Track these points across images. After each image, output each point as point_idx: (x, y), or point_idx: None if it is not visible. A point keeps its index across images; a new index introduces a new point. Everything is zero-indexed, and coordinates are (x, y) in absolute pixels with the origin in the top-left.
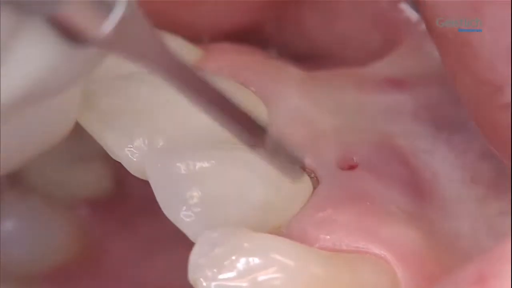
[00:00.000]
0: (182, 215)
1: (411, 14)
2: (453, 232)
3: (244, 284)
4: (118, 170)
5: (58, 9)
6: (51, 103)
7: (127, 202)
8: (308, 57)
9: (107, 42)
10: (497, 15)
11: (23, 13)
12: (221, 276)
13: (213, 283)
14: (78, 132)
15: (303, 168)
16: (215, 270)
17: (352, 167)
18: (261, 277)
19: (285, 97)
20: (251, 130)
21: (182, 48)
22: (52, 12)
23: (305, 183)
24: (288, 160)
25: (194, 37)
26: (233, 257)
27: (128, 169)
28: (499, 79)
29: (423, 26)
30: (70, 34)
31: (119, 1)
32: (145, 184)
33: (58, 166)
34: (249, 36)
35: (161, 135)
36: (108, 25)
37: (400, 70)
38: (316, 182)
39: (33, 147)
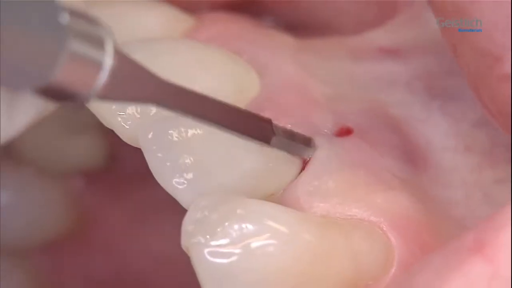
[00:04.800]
0: (175, 183)
1: None
2: (447, 200)
3: (237, 251)
4: (111, 141)
5: (42, 83)
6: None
7: (120, 173)
8: (304, 27)
9: (102, 95)
10: None
11: (9, 89)
12: (213, 243)
13: (206, 250)
14: None
15: (313, 144)
16: (208, 236)
17: (347, 133)
18: (254, 243)
19: (278, 65)
20: (259, 127)
21: (175, 17)
22: (41, 84)
23: None
24: (299, 141)
25: (192, 7)
26: (226, 224)
27: (121, 136)
28: (498, 50)
29: None
30: (64, 98)
31: (106, 53)
32: (138, 155)
33: (51, 137)
34: (245, 6)
35: None
36: (100, 80)
37: (395, 39)
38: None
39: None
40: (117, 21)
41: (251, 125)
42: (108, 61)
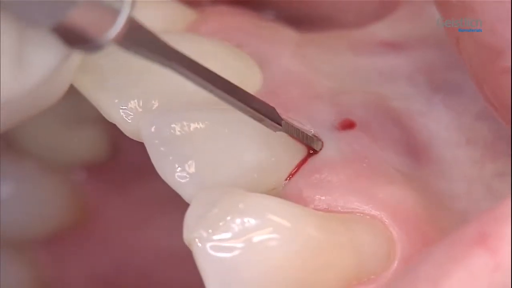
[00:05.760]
0: (177, 176)
1: None
2: (449, 193)
3: (239, 245)
4: (113, 134)
5: (61, 19)
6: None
7: (122, 166)
8: (305, 21)
9: (117, 43)
10: None
11: (27, 24)
12: (216, 237)
13: (208, 244)
14: (73, 96)
15: (319, 139)
16: (210, 230)
17: (350, 126)
18: (257, 237)
19: (279, 59)
20: (267, 109)
21: (176, 11)
22: (56, 22)
23: (299, 143)
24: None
25: (194, 1)
26: (228, 218)
27: (123, 130)
28: (500, 43)
29: None
30: (78, 40)
31: (123, 4)
32: (140, 148)
33: (53, 130)
34: None
35: (155, 97)
36: (117, 26)
37: (396, 33)
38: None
39: (28, 107)
40: None
41: (259, 106)
42: (126, 10)
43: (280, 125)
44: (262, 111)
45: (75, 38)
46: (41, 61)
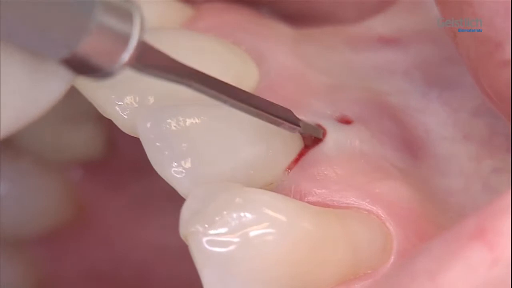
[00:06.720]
0: (173, 172)
1: None
2: (446, 189)
3: (236, 239)
4: (109, 132)
5: (71, 51)
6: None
7: (118, 162)
8: (301, 17)
9: (128, 67)
10: None
11: (36, 56)
12: (212, 231)
13: (205, 239)
14: (69, 93)
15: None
16: (206, 225)
17: (346, 122)
18: (253, 232)
19: (276, 55)
20: (284, 112)
21: (173, 7)
22: (66, 55)
23: (296, 138)
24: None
25: None
26: (225, 212)
27: (119, 126)
28: (498, 36)
29: None
30: (89, 70)
31: (134, 26)
32: (137, 145)
33: (50, 127)
34: None
35: (151, 92)
36: (127, 53)
37: (393, 28)
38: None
39: (31, 108)
40: None
41: (276, 111)
42: (136, 34)
43: (299, 126)
44: (280, 115)
45: (86, 68)
46: (50, 88)
